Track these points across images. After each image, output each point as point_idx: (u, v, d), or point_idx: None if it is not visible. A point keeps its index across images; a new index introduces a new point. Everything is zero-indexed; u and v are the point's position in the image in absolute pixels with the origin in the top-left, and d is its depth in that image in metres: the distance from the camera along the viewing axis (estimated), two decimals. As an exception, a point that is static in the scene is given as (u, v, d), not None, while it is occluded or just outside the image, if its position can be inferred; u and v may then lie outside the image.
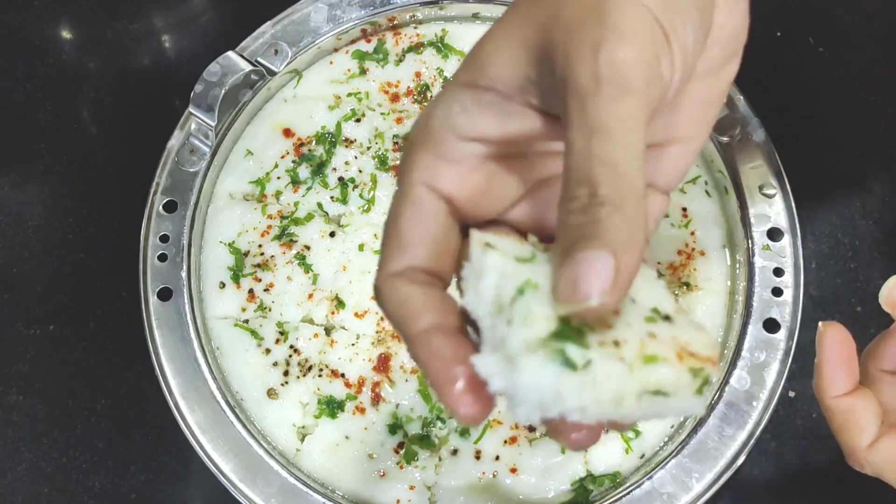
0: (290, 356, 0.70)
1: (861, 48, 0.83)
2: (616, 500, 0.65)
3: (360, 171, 0.75)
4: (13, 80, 0.85)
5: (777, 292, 0.69)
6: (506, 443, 0.68)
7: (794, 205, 0.71)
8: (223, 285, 0.72)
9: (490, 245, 0.36)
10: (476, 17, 0.78)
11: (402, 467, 0.68)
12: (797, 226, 0.71)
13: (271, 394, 0.69)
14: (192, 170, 0.73)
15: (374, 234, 0.73)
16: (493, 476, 0.67)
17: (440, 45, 0.78)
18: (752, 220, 0.71)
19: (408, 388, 0.69)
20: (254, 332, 0.71)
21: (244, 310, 0.72)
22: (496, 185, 0.39)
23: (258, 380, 0.70)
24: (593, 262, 0.32)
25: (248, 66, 0.73)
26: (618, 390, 0.33)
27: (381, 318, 0.71)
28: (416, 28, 0.79)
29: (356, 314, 0.71)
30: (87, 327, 0.76)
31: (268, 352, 0.70)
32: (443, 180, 0.38)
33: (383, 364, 0.70)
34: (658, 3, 0.34)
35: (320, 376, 0.70)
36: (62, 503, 0.72)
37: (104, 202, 0.80)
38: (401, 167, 0.39)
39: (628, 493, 0.65)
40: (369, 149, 0.75)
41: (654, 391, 0.33)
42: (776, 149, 0.73)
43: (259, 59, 0.75)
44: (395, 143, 0.76)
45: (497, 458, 0.68)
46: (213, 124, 0.72)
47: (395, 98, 0.77)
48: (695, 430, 0.66)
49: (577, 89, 0.33)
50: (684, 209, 0.74)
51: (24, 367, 0.75)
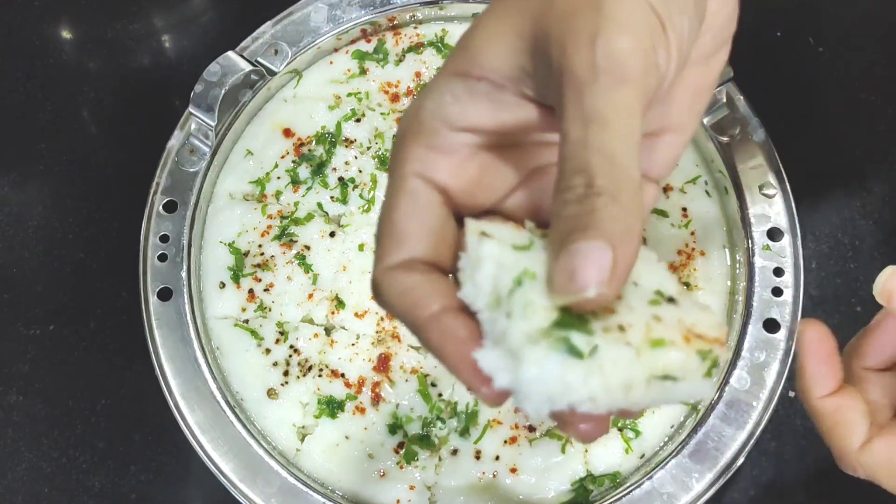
0: (290, 356, 0.70)
1: (861, 48, 0.83)
2: (616, 500, 0.65)
3: (360, 171, 0.75)
4: (13, 80, 0.85)
5: (777, 292, 0.69)
6: (506, 443, 0.68)
7: (794, 205, 0.71)
8: (223, 285, 0.72)
9: (486, 234, 0.36)
10: (476, 17, 0.78)
11: (402, 467, 0.68)
12: (797, 226, 0.71)
13: (271, 394, 0.69)
14: (192, 170, 0.73)
15: (375, 235, 0.72)
16: (493, 476, 0.67)
17: (440, 45, 0.78)
18: (752, 220, 0.71)
19: (408, 388, 0.69)
20: (254, 332, 0.71)
21: (244, 310, 0.72)
22: (490, 175, 0.39)
23: (258, 380, 0.70)
24: (590, 253, 0.32)
25: (248, 66, 0.73)
26: (626, 376, 0.32)
27: (382, 318, 0.71)
28: (416, 28, 0.79)
29: (356, 314, 0.71)
30: (87, 327, 0.76)
31: (268, 352, 0.70)
32: (437, 171, 0.37)
33: (383, 364, 0.70)
34: None
35: (320, 376, 0.70)
36: (62, 503, 0.72)
37: (104, 202, 0.80)
38: (392, 160, 0.38)
39: (628, 493, 0.65)
40: (369, 149, 0.75)
41: (663, 376, 0.33)
42: (776, 149, 0.72)
43: (259, 59, 0.75)
44: (396, 143, 0.76)
45: (497, 458, 0.68)
46: (213, 124, 0.72)
47: (395, 98, 0.77)
48: (695, 430, 0.66)
49: (573, 79, 0.33)
50: (684, 209, 0.74)
51: (24, 367, 0.75)
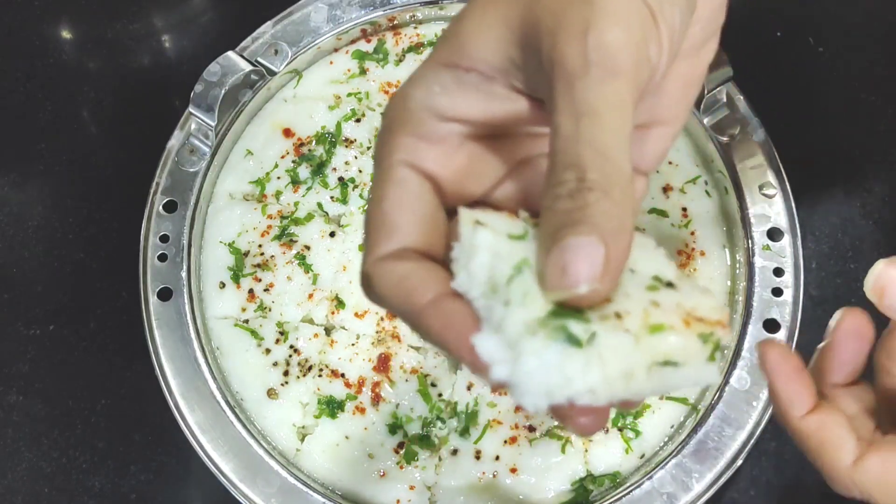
0: (290, 356, 0.70)
1: (861, 48, 0.83)
2: (616, 500, 0.65)
3: (360, 171, 0.75)
4: (13, 80, 0.85)
5: (777, 292, 0.69)
6: (506, 443, 0.68)
7: (794, 205, 0.71)
8: (223, 285, 0.72)
9: (480, 223, 0.35)
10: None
11: (402, 467, 0.68)
12: (797, 226, 0.71)
13: (271, 394, 0.69)
14: (192, 170, 0.73)
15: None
16: (493, 476, 0.67)
17: (440, 45, 0.78)
18: (752, 220, 0.71)
19: (408, 388, 0.69)
20: (254, 332, 0.71)
21: (244, 310, 0.71)
22: (479, 166, 0.38)
23: (258, 380, 0.70)
24: (582, 249, 0.31)
25: (248, 66, 0.73)
26: (626, 365, 0.31)
27: (382, 318, 0.71)
28: (416, 28, 0.79)
29: (356, 314, 0.71)
30: (87, 327, 0.76)
31: (268, 352, 0.70)
32: (425, 160, 0.37)
33: (383, 364, 0.70)
34: None
35: (320, 376, 0.70)
36: (62, 503, 0.72)
37: (104, 202, 0.80)
38: (378, 150, 0.37)
39: (628, 493, 0.65)
40: (369, 149, 0.75)
41: (664, 362, 0.32)
42: (776, 149, 0.73)
43: (259, 59, 0.75)
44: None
45: (497, 458, 0.68)
46: (213, 124, 0.72)
47: (395, 98, 0.77)
48: (695, 430, 0.66)
49: (564, 72, 0.33)
50: (684, 209, 0.74)
51: (24, 367, 0.75)
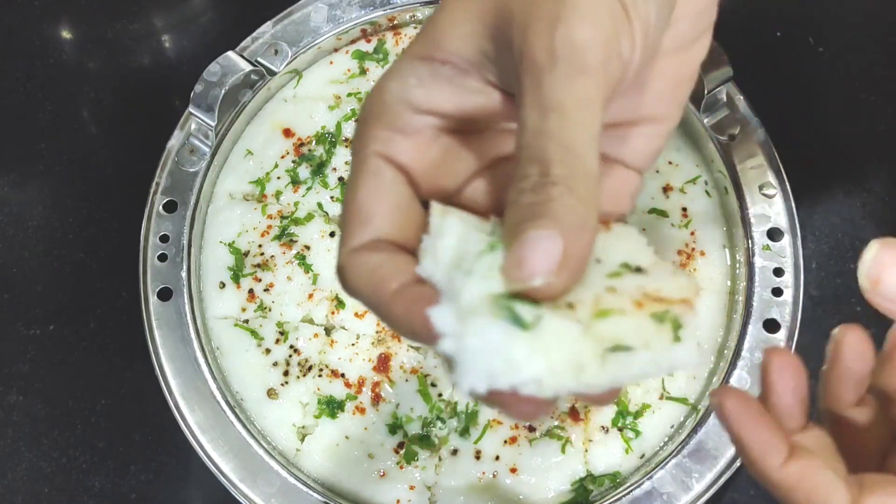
0: (290, 356, 0.70)
1: (861, 48, 0.83)
2: (616, 500, 0.65)
3: (360, 171, 0.75)
4: (13, 80, 0.85)
5: (777, 292, 0.69)
6: (506, 443, 0.68)
7: (794, 205, 0.71)
8: (223, 285, 0.72)
9: (451, 213, 0.35)
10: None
11: (402, 467, 0.68)
12: (797, 226, 0.71)
13: (271, 394, 0.69)
14: (192, 170, 0.73)
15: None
16: (493, 476, 0.67)
17: (440, 45, 0.78)
18: (752, 220, 0.71)
19: (408, 388, 0.69)
20: (254, 332, 0.71)
21: (244, 310, 0.71)
22: (452, 160, 0.38)
23: (258, 380, 0.70)
24: (540, 242, 0.31)
25: (248, 66, 0.73)
26: (574, 355, 0.31)
27: (381, 318, 0.71)
28: (416, 28, 0.79)
29: (356, 314, 0.71)
30: (87, 327, 0.76)
31: (268, 352, 0.70)
32: (399, 152, 0.37)
33: (383, 364, 0.70)
34: None
35: (320, 376, 0.70)
36: (62, 503, 0.72)
37: (104, 202, 0.80)
38: (354, 142, 0.37)
39: (628, 493, 0.65)
40: (369, 149, 0.75)
41: (614, 347, 0.31)
42: (776, 149, 0.73)
43: (259, 59, 0.75)
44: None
45: (497, 458, 0.68)
46: (213, 124, 0.72)
47: (395, 98, 0.77)
48: (695, 430, 0.66)
49: (532, 66, 0.32)
50: (684, 209, 0.74)
51: (24, 367, 0.75)
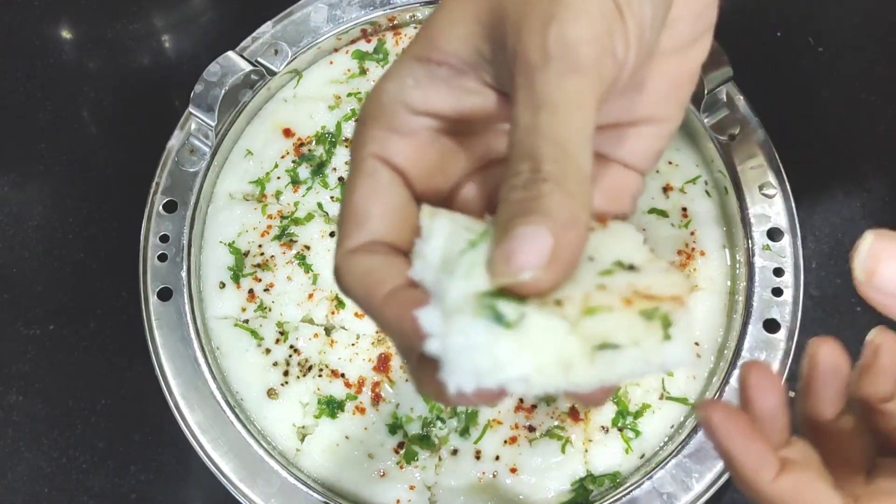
0: (290, 356, 0.70)
1: (861, 48, 0.83)
2: (616, 500, 0.65)
3: (360, 171, 0.75)
4: (13, 80, 0.85)
5: (777, 292, 0.69)
6: (506, 443, 0.68)
7: (794, 205, 0.71)
8: (223, 285, 0.72)
9: (439, 214, 0.35)
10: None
11: (402, 467, 0.68)
12: (797, 226, 0.71)
13: (271, 394, 0.69)
14: (192, 170, 0.73)
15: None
16: (493, 476, 0.67)
17: (440, 45, 0.78)
18: (752, 220, 0.71)
19: (408, 388, 0.69)
20: (254, 332, 0.71)
21: (244, 310, 0.71)
22: (450, 161, 0.38)
23: (258, 380, 0.70)
24: (530, 237, 0.31)
25: (248, 66, 0.73)
26: (562, 353, 0.30)
27: (381, 318, 0.71)
28: (416, 28, 0.79)
29: (356, 314, 0.71)
30: (87, 327, 0.76)
31: (268, 352, 0.70)
32: (396, 153, 0.37)
33: (383, 364, 0.70)
34: None
35: (320, 376, 0.70)
36: (62, 503, 0.72)
37: (104, 202, 0.80)
38: (353, 143, 0.38)
39: (628, 493, 0.65)
40: (369, 149, 0.75)
41: (601, 345, 0.31)
42: (776, 149, 0.73)
43: (259, 59, 0.75)
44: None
45: (497, 458, 0.68)
46: (213, 124, 0.72)
47: (395, 98, 0.77)
48: (695, 430, 0.66)
49: (525, 64, 0.33)
50: (684, 209, 0.74)
51: (24, 367, 0.75)
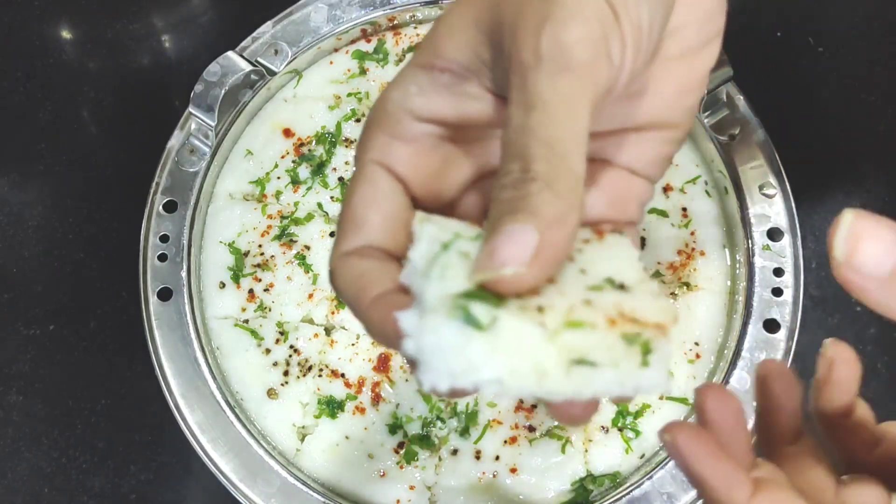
0: (290, 356, 0.70)
1: (861, 48, 0.83)
2: (616, 500, 0.65)
3: (360, 171, 0.75)
4: (13, 80, 0.85)
5: (777, 292, 0.69)
6: (506, 443, 0.68)
7: (794, 205, 0.71)
8: (223, 285, 0.72)
9: (430, 220, 0.36)
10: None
11: (402, 467, 0.68)
12: (797, 226, 0.71)
13: (271, 394, 0.69)
14: (192, 170, 0.73)
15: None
16: (493, 476, 0.67)
17: (440, 45, 0.78)
18: (752, 220, 0.71)
19: (408, 388, 0.69)
20: (254, 332, 0.71)
21: (244, 310, 0.71)
22: (451, 167, 0.38)
23: (258, 380, 0.70)
24: (515, 234, 0.31)
25: (248, 66, 0.73)
26: (537, 360, 0.30)
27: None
28: (416, 28, 0.79)
29: (356, 314, 0.71)
30: (87, 327, 0.76)
31: (268, 352, 0.70)
32: (397, 160, 0.37)
33: (383, 364, 0.70)
34: None
35: (320, 376, 0.70)
36: (62, 503, 0.72)
37: (104, 202, 0.80)
38: (357, 148, 0.38)
39: (628, 493, 0.65)
40: (369, 149, 0.75)
41: (578, 360, 0.31)
42: (776, 149, 0.73)
43: (259, 59, 0.75)
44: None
45: (497, 458, 0.68)
46: (213, 124, 0.72)
47: (395, 98, 0.77)
48: (695, 430, 0.66)
49: (519, 65, 0.33)
50: (684, 209, 0.74)
51: (24, 367, 0.75)
